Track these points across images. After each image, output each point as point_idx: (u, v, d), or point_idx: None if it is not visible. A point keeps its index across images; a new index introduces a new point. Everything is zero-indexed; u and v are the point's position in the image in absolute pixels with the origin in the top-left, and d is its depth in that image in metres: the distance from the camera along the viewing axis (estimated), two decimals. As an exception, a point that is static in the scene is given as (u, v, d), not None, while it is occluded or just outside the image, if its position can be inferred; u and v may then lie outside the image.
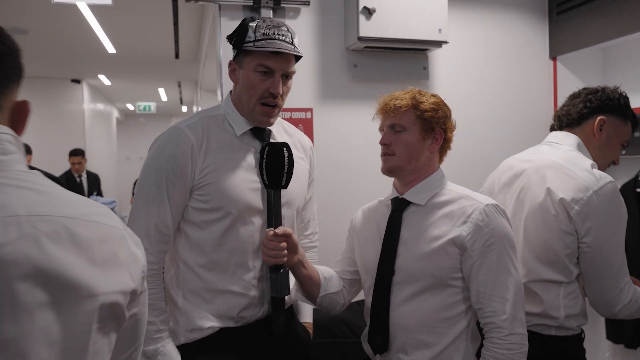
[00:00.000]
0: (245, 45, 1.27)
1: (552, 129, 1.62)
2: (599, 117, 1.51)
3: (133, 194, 3.33)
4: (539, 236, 1.43)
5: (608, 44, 2.37)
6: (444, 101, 1.33)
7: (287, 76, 1.33)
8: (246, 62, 1.31)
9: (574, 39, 2.39)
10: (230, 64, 1.37)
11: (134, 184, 5.37)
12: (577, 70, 2.55)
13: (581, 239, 1.39)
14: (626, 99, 1.55)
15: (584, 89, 1.59)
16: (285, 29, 1.29)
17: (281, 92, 1.31)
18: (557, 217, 1.40)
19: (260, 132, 1.37)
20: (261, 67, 1.28)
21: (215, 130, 1.34)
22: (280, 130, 1.46)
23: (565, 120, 1.57)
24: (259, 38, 1.26)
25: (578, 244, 1.40)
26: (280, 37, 1.27)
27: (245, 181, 1.32)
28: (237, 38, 1.30)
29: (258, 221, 1.34)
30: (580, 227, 1.38)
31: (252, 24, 1.28)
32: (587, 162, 1.45)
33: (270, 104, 1.32)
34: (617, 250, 1.39)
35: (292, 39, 1.30)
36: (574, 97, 1.59)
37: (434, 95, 1.32)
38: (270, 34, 1.26)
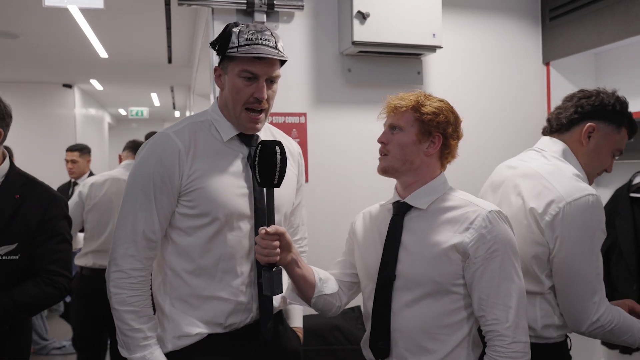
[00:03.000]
0: (229, 51, 1.27)
1: (544, 132, 1.58)
2: (588, 124, 1.45)
3: None
4: None
5: (600, 50, 2.39)
6: (453, 108, 1.31)
7: (271, 81, 1.33)
8: (230, 68, 1.30)
9: (566, 45, 2.41)
10: (215, 69, 1.37)
11: None
12: (570, 75, 2.56)
13: (551, 250, 1.36)
14: (623, 104, 1.48)
15: (580, 91, 1.53)
16: (269, 34, 1.29)
17: (266, 97, 1.30)
18: (529, 227, 1.38)
19: (247, 138, 1.37)
20: (245, 73, 1.28)
21: (203, 136, 1.33)
22: (269, 136, 1.46)
23: (555, 124, 1.52)
24: (242, 43, 1.26)
25: (549, 255, 1.37)
26: (264, 42, 1.27)
27: (233, 186, 1.31)
28: (221, 44, 1.30)
29: (246, 226, 1.33)
30: (550, 238, 1.35)
31: (236, 30, 1.28)
32: (570, 171, 1.42)
33: (255, 109, 1.31)
34: (589, 264, 1.34)
35: (275, 43, 1.29)
36: (567, 99, 1.53)
37: (441, 100, 1.30)
38: (254, 39, 1.26)
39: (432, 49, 2.20)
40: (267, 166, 1.21)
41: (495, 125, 2.48)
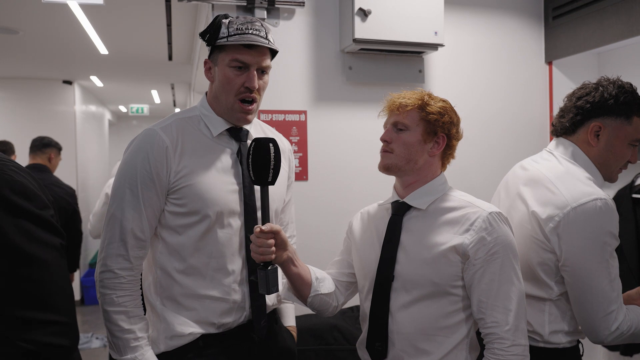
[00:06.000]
0: (219, 41, 1.27)
1: (552, 134, 1.53)
2: (592, 123, 1.38)
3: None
4: (519, 251, 1.36)
5: (603, 49, 2.37)
6: (454, 108, 1.30)
7: (262, 71, 1.31)
8: (220, 58, 1.29)
9: (569, 44, 2.39)
10: (205, 62, 1.35)
11: None
12: (573, 74, 2.55)
13: (559, 258, 1.31)
14: (629, 92, 1.37)
15: (580, 88, 1.44)
16: (259, 24, 1.29)
17: (257, 87, 1.29)
18: (533, 231, 1.34)
19: (237, 133, 1.35)
20: (235, 62, 1.27)
21: (190, 132, 1.32)
22: (259, 132, 1.45)
23: (559, 128, 1.47)
24: (232, 33, 1.26)
25: (557, 262, 1.32)
26: (254, 32, 1.26)
27: (222, 183, 1.29)
28: (211, 35, 1.29)
29: (236, 223, 1.31)
30: (556, 246, 1.30)
31: (225, 21, 1.28)
32: (582, 174, 1.36)
33: (247, 100, 1.30)
34: (601, 273, 1.27)
35: (266, 33, 1.29)
36: (567, 99, 1.47)
37: (443, 100, 1.29)
38: (244, 28, 1.26)
39: (434, 47, 2.19)
40: (261, 164, 1.19)
41: (496, 125, 2.46)
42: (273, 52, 1.33)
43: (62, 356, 0.93)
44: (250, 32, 1.26)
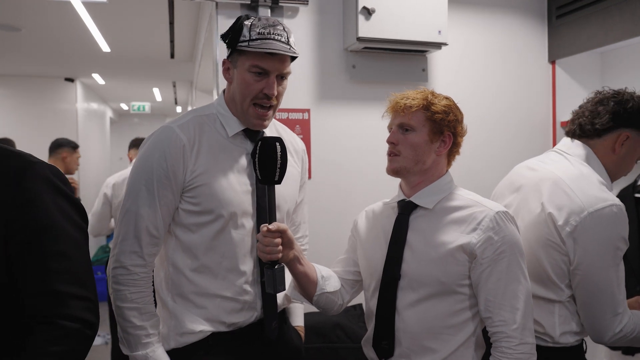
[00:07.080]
0: (240, 44, 1.25)
1: (569, 134, 1.50)
2: (623, 132, 1.39)
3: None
4: (531, 252, 1.38)
5: (606, 49, 2.37)
6: (457, 105, 1.30)
7: (282, 77, 1.30)
8: (240, 62, 1.28)
9: (572, 43, 2.39)
10: (224, 62, 1.34)
11: None
12: (576, 74, 2.55)
13: (572, 261, 1.33)
14: None
15: (614, 96, 1.43)
16: (281, 28, 1.27)
17: (276, 93, 1.28)
18: (549, 234, 1.35)
19: (252, 133, 1.35)
20: (256, 68, 1.26)
21: (207, 130, 1.31)
22: (274, 132, 1.44)
23: (587, 129, 1.44)
24: (254, 37, 1.23)
25: (570, 266, 1.34)
26: (276, 37, 1.24)
27: (237, 183, 1.29)
28: (232, 37, 1.27)
29: (249, 224, 1.31)
30: (571, 249, 1.32)
31: (247, 22, 1.25)
32: (595, 178, 1.37)
33: (264, 105, 1.29)
34: (611, 277, 1.31)
35: (287, 38, 1.27)
36: (599, 102, 1.43)
37: (447, 98, 1.29)
38: (266, 33, 1.24)
39: (438, 45, 2.19)
40: (267, 163, 1.19)
41: (499, 123, 2.47)
42: (293, 56, 1.31)
43: (92, 336, 0.99)
44: (272, 37, 1.23)
